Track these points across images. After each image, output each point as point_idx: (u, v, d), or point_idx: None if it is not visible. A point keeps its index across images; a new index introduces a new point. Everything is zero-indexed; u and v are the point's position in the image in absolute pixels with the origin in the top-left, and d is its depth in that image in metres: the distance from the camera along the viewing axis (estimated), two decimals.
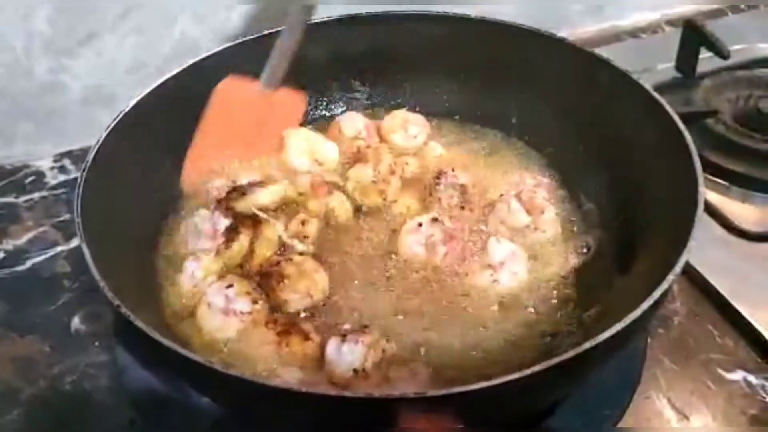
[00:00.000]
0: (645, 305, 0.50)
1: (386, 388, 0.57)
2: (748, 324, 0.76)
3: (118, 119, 0.70)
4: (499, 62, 0.81)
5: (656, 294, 0.51)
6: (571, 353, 0.47)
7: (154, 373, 0.63)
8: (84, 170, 0.65)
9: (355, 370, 0.58)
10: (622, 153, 0.75)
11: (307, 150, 0.82)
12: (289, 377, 0.59)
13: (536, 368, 0.46)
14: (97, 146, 0.67)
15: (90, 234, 0.59)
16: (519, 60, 0.81)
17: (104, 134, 0.69)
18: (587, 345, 0.47)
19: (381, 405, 0.44)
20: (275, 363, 0.61)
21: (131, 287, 0.59)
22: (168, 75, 0.76)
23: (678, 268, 0.54)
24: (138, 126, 0.71)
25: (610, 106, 0.76)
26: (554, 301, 0.71)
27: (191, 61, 0.78)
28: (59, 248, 0.88)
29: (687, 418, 0.69)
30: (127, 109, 0.71)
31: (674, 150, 0.67)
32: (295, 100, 0.83)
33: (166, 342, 0.49)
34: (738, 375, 0.72)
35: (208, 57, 0.79)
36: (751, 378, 0.72)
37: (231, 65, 0.78)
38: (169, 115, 0.75)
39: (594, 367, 0.54)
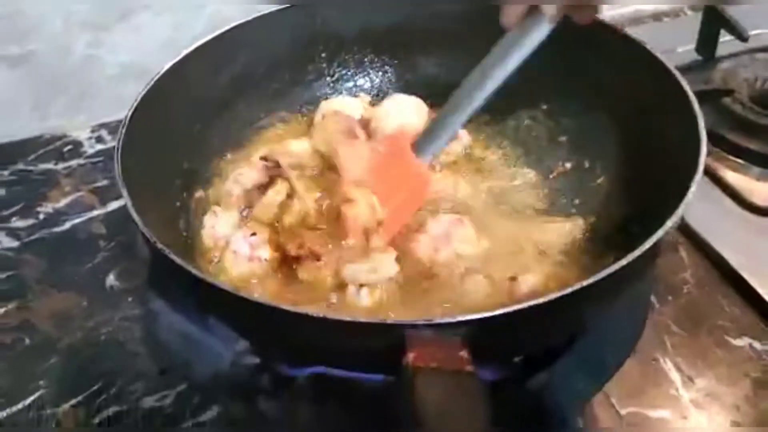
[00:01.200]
0: (645, 246, 0.53)
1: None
2: (756, 293, 0.78)
3: (153, 81, 0.74)
4: None
5: (657, 236, 0.54)
6: (576, 286, 0.49)
7: (185, 314, 0.67)
8: (123, 126, 0.69)
9: None
10: (632, 119, 0.77)
11: None
12: None
13: (540, 300, 0.49)
14: (134, 106, 0.71)
15: (129, 181, 0.63)
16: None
17: (140, 96, 0.73)
18: (592, 279, 0.50)
19: (392, 330, 0.48)
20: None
21: (165, 233, 0.63)
22: (199, 42, 0.80)
23: (677, 215, 0.56)
24: (172, 89, 0.75)
25: (614, 68, 0.78)
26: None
27: (221, 30, 0.82)
28: (95, 212, 0.93)
29: (692, 380, 0.71)
30: (161, 73, 0.75)
31: (679, 109, 0.69)
32: (426, 177, 0.76)
33: (200, 274, 0.53)
34: (743, 341, 0.74)
35: (237, 26, 0.82)
36: (756, 344, 0.74)
37: (260, 34, 0.82)
38: (200, 80, 0.79)
39: (600, 303, 0.56)
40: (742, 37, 1.05)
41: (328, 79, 0.93)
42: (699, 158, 0.60)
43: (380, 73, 0.94)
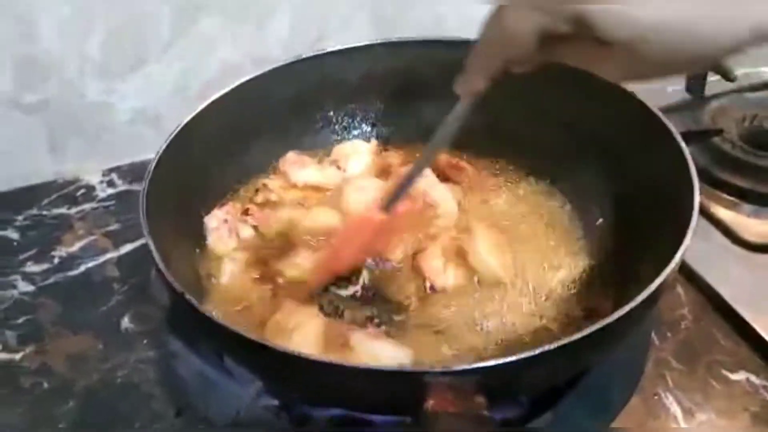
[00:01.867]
0: (646, 293, 0.56)
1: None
2: (751, 329, 0.81)
3: (173, 135, 0.77)
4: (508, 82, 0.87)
5: (656, 282, 0.57)
6: (586, 331, 0.52)
7: (203, 356, 0.69)
8: (148, 173, 0.72)
9: None
10: (627, 165, 0.81)
11: None
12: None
13: (555, 345, 0.51)
14: (156, 159, 0.74)
15: (152, 229, 0.66)
16: (525, 80, 0.87)
17: (161, 149, 0.76)
18: (604, 322, 0.53)
19: (411, 377, 0.50)
20: None
21: (185, 279, 0.65)
22: (215, 96, 0.84)
23: (676, 260, 0.60)
24: (189, 141, 0.79)
25: (610, 117, 0.82)
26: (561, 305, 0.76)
27: (234, 84, 0.85)
28: (109, 255, 0.95)
29: (692, 414, 0.74)
30: (180, 126, 0.79)
31: (670, 155, 0.73)
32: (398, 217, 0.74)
33: (223, 321, 0.56)
34: (741, 375, 0.77)
35: (249, 80, 0.86)
36: (753, 378, 0.77)
37: (271, 86, 0.86)
38: (219, 128, 0.83)
39: (606, 347, 0.59)
40: (728, 77, 1.10)
41: (336, 126, 0.96)
42: (693, 210, 0.64)
43: (386, 120, 0.98)
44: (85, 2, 0.97)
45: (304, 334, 0.67)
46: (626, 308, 0.54)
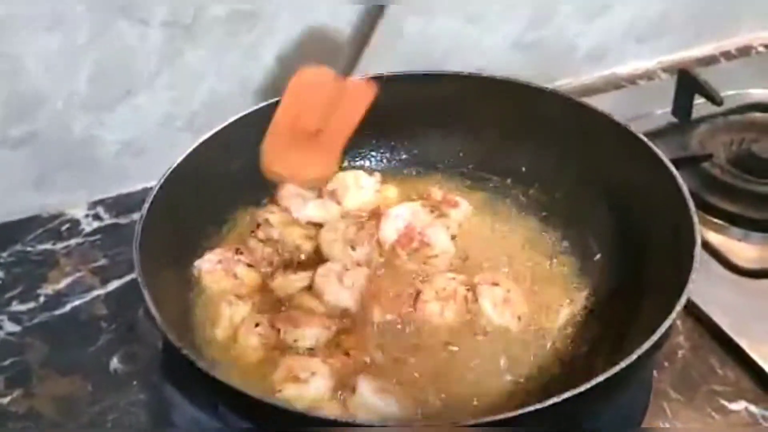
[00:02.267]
0: (648, 343, 0.56)
1: None
2: (748, 357, 0.81)
3: (165, 176, 0.77)
4: (504, 116, 0.88)
5: (658, 334, 0.57)
6: (588, 384, 0.52)
7: (197, 404, 0.68)
8: (141, 218, 0.71)
9: None
10: (624, 199, 0.81)
11: None
12: None
13: (550, 401, 0.51)
14: (149, 202, 0.73)
15: (147, 276, 0.65)
16: (520, 113, 0.88)
17: (153, 191, 0.75)
18: (600, 378, 0.53)
19: None
20: None
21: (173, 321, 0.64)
22: (208, 134, 0.83)
23: (677, 310, 0.59)
24: (185, 176, 0.78)
25: (607, 153, 0.83)
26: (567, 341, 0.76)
27: (227, 121, 0.84)
28: (96, 292, 0.93)
29: None
30: (172, 168, 0.78)
31: (670, 193, 0.73)
32: (364, 89, 0.78)
33: (222, 377, 0.55)
34: (740, 405, 0.77)
35: (242, 116, 0.85)
36: (753, 408, 0.77)
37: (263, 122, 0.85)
38: (209, 168, 0.82)
39: (607, 397, 0.59)
40: (715, 101, 1.10)
41: None
42: (695, 248, 0.63)
43: (382, 153, 0.98)
44: (72, 36, 0.96)
45: (317, 384, 0.67)
46: (633, 356, 0.54)
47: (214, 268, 0.80)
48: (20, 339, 0.87)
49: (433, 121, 0.93)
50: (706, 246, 0.94)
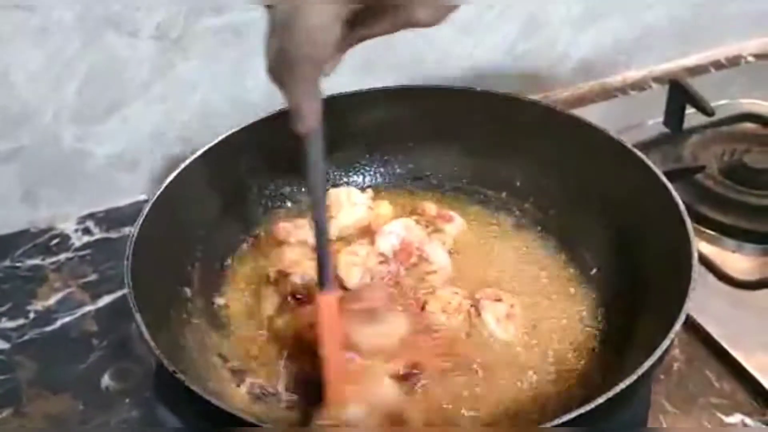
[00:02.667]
0: (649, 362, 0.56)
1: None
2: (744, 369, 0.81)
3: (157, 195, 0.75)
4: (498, 130, 0.88)
5: (659, 352, 0.57)
6: (588, 406, 0.51)
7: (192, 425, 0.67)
8: (132, 239, 0.70)
9: None
10: (619, 213, 0.81)
11: None
12: None
13: (548, 425, 0.51)
14: (140, 222, 0.72)
15: (139, 300, 0.64)
16: (514, 127, 0.88)
17: (146, 209, 0.74)
18: (602, 399, 0.52)
19: None
20: None
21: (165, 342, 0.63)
22: (203, 149, 0.82)
23: (676, 330, 0.59)
24: (178, 194, 0.77)
25: (603, 167, 0.83)
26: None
27: (220, 138, 0.83)
28: (86, 308, 0.92)
29: None
30: (163, 186, 0.77)
31: (666, 209, 0.73)
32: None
33: (220, 403, 0.54)
34: (736, 418, 0.77)
35: (235, 132, 0.84)
36: (749, 421, 0.76)
37: (257, 137, 0.84)
38: (202, 185, 0.81)
39: (605, 418, 0.58)
40: (706, 111, 1.10)
41: (329, 178, 0.94)
42: (692, 263, 0.63)
43: (376, 167, 0.97)
44: (59, 48, 0.95)
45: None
46: (634, 375, 0.54)
47: None
48: (9, 357, 0.86)
49: (427, 135, 0.93)
50: (700, 258, 0.92)
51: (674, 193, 0.74)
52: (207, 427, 0.59)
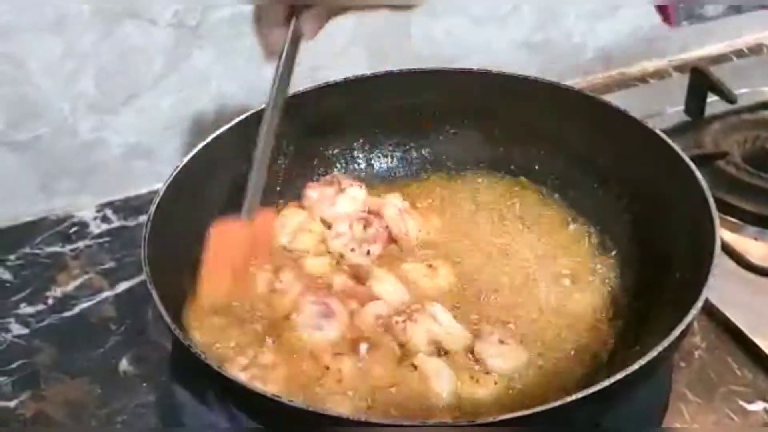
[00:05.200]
0: (666, 342, 0.55)
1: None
2: (766, 356, 0.79)
3: (173, 175, 0.76)
4: (518, 114, 0.87)
5: (675, 333, 0.56)
6: (604, 383, 0.51)
7: (209, 406, 0.67)
8: (149, 219, 0.70)
9: None
10: (641, 196, 0.80)
11: None
12: None
13: (568, 399, 0.50)
14: (156, 202, 0.72)
15: (157, 282, 0.64)
16: (536, 111, 0.87)
17: (161, 191, 0.74)
18: (619, 375, 0.51)
19: None
20: None
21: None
22: (216, 133, 0.82)
23: (697, 307, 0.58)
24: (192, 177, 0.77)
25: (624, 150, 0.81)
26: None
27: (234, 121, 0.84)
28: (105, 294, 0.93)
29: None
30: (179, 168, 0.77)
31: (689, 191, 0.72)
32: (264, 222, 0.74)
33: (239, 379, 0.54)
34: (758, 406, 0.75)
35: (247, 117, 0.84)
36: None
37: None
38: (213, 171, 0.81)
39: (625, 396, 0.57)
40: (729, 99, 1.09)
41: (338, 165, 0.94)
42: (713, 247, 0.62)
43: (390, 155, 0.96)
44: (76, 39, 0.95)
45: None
46: (650, 355, 0.53)
47: None
48: (28, 342, 0.87)
49: (447, 119, 0.92)
50: (722, 245, 0.92)
51: (698, 174, 0.73)
52: (224, 404, 0.59)
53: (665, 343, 0.54)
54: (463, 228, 0.88)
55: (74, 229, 1.03)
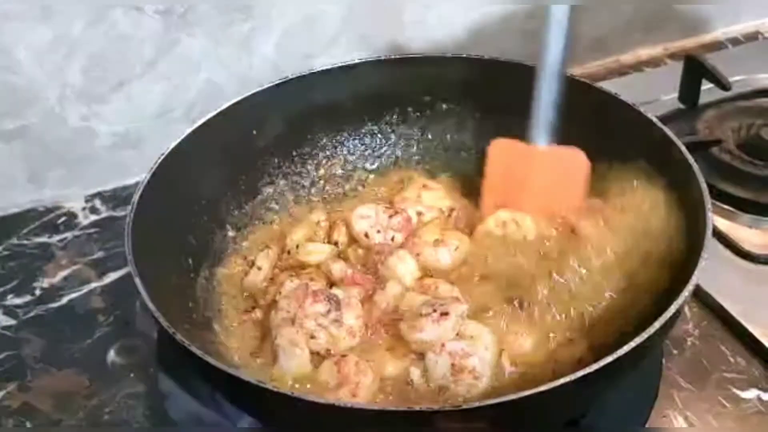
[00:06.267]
0: (658, 324, 0.54)
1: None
2: (759, 344, 0.79)
3: (158, 163, 0.74)
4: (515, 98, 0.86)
5: (666, 316, 0.55)
6: (595, 366, 0.50)
7: (196, 395, 0.66)
8: (133, 206, 0.69)
9: None
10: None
11: None
12: None
13: (559, 381, 0.49)
14: (140, 190, 0.71)
15: (140, 266, 0.63)
16: (530, 97, 0.85)
17: (145, 179, 0.73)
18: (610, 358, 0.51)
19: (419, 417, 0.48)
20: None
21: (171, 312, 0.62)
22: (204, 119, 0.81)
23: (688, 289, 0.57)
24: (178, 165, 0.76)
25: (618, 136, 0.80)
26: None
27: (220, 108, 0.82)
28: (93, 285, 0.92)
29: None
30: (164, 155, 0.75)
31: (681, 176, 0.71)
32: (576, 159, 0.79)
33: (224, 367, 0.53)
34: (751, 393, 0.75)
35: (235, 103, 0.83)
36: (764, 396, 0.74)
37: (257, 109, 0.83)
38: (202, 157, 0.80)
39: (616, 379, 0.57)
40: (723, 86, 1.08)
41: (328, 150, 0.93)
42: (706, 231, 0.61)
43: (378, 140, 0.95)
44: (64, 27, 0.94)
45: None
46: (640, 337, 0.52)
47: None
48: (15, 333, 0.86)
49: (433, 106, 0.92)
50: (716, 232, 0.91)
51: (689, 157, 0.72)
52: (209, 393, 0.58)
53: (651, 329, 0.53)
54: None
55: (62, 219, 1.02)
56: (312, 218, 0.87)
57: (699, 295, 0.85)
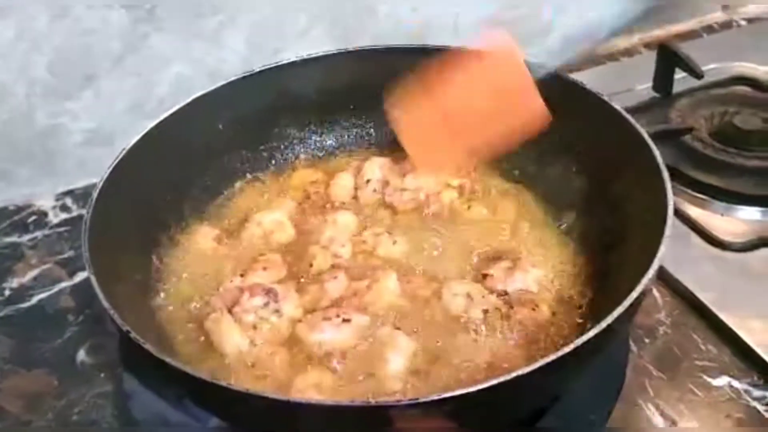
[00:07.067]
0: (623, 306, 0.54)
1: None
2: (731, 331, 0.79)
3: (121, 156, 0.73)
4: None
5: (629, 300, 0.55)
6: (555, 355, 0.50)
7: (160, 395, 0.65)
8: (90, 205, 0.68)
9: None
10: (600, 169, 0.79)
11: None
12: None
13: (525, 370, 0.49)
14: (101, 183, 0.70)
15: (97, 265, 0.62)
16: None
17: (108, 171, 0.72)
18: (572, 346, 0.50)
19: (377, 412, 0.47)
20: None
21: (132, 313, 0.62)
22: (167, 113, 0.80)
23: (649, 275, 0.57)
24: (139, 162, 0.75)
25: (583, 123, 0.80)
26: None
27: (189, 98, 0.81)
28: (63, 284, 0.91)
29: (675, 423, 0.72)
30: (128, 147, 0.75)
31: (642, 160, 0.71)
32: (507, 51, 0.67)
33: (177, 364, 0.52)
34: (723, 381, 0.75)
35: (203, 95, 0.82)
36: (735, 383, 0.75)
37: (228, 101, 0.82)
38: (168, 149, 0.79)
39: (581, 367, 0.57)
40: (696, 74, 1.08)
41: (295, 141, 0.92)
42: (665, 226, 0.61)
43: (346, 132, 0.95)
44: (29, 22, 0.93)
45: None
46: (603, 324, 0.52)
47: None
48: None
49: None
50: (688, 220, 0.92)
51: (649, 140, 0.72)
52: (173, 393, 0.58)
53: (615, 313, 0.53)
54: None
55: (32, 218, 1.00)
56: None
57: (670, 283, 0.85)
